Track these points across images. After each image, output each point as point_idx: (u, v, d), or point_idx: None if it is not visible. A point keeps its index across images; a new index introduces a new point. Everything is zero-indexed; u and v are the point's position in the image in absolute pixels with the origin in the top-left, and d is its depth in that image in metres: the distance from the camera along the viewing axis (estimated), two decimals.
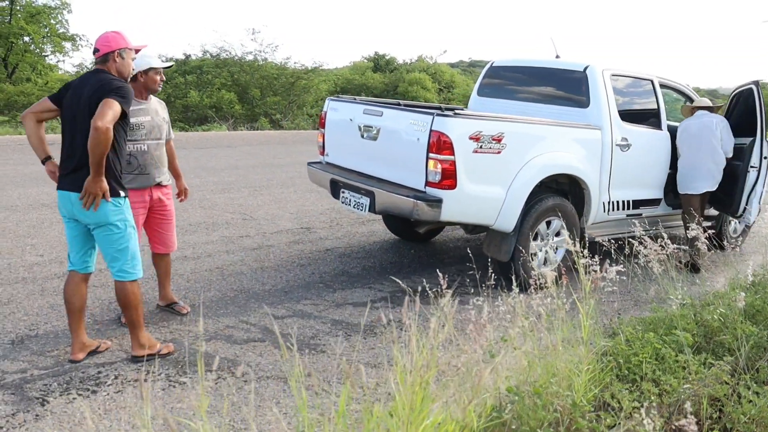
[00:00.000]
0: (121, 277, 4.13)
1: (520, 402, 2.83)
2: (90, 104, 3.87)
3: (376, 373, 4.11)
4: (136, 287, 4.19)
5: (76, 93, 3.99)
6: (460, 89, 32.77)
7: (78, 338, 4.20)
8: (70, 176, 3.98)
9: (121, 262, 4.10)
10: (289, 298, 5.46)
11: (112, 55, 4.05)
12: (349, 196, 5.92)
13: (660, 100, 6.88)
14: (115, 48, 4.05)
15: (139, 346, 4.24)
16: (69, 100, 4.01)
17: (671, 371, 3.53)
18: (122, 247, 4.07)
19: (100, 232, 4.04)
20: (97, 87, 3.90)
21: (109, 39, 4.07)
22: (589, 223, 6.26)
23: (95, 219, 3.98)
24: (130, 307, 4.18)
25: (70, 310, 4.18)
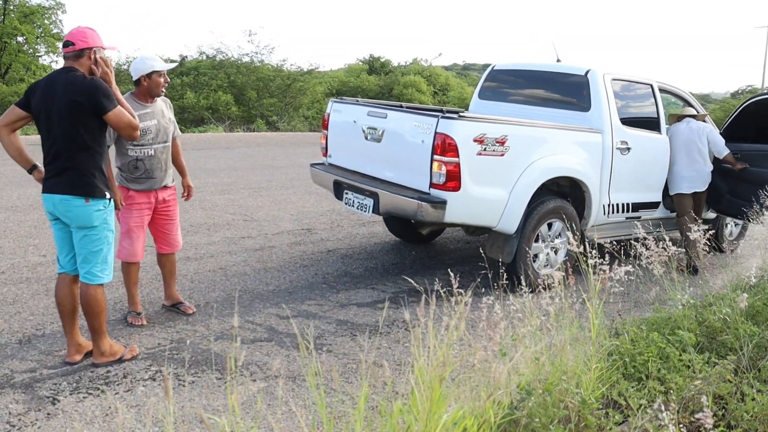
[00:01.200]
0: (88, 279, 4.04)
1: (531, 399, 2.88)
2: (66, 109, 3.80)
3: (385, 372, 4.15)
4: (101, 293, 4.09)
5: (48, 93, 3.87)
6: (455, 92, 32.88)
7: (73, 340, 4.15)
8: (53, 179, 3.92)
9: (92, 264, 4.02)
10: (294, 298, 5.51)
11: (88, 52, 3.91)
12: (352, 198, 5.97)
13: (659, 104, 6.96)
14: (92, 45, 3.92)
15: (100, 353, 4.15)
16: (40, 103, 3.89)
17: (676, 370, 3.60)
18: (96, 249, 4.01)
19: (80, 232, 3.98)
20: (73, 94, 3.80)
21: (86, 35, 3.91)
22: (589, 225, 6.33)
23: (79, 221, 3.93)
24: (92, 313, 4.06)
25: (62, 312, 4.14)
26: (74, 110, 3.81)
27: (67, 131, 3.84)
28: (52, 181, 3.92)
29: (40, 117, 3.92)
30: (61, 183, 3.88)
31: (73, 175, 3.88)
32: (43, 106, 3.88)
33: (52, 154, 3.92)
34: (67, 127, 3.84)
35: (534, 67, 7.22)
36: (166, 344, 4.49)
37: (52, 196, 3.92)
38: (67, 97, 3.80)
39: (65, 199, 3.88)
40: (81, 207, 3.89)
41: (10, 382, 3.86)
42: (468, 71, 61.04)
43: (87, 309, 4.06)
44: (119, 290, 5.44)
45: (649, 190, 6.92)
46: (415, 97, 28.49)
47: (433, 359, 2.39)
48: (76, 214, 3.90)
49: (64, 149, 3.86)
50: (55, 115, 3.84)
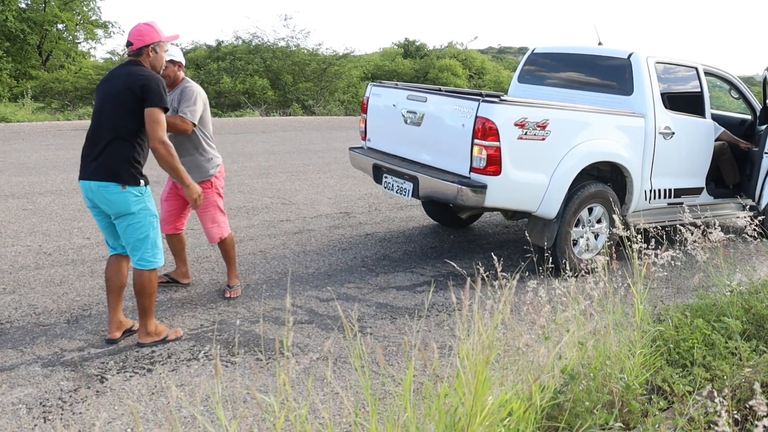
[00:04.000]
0: (141, 265, 4.13)
1: (575, 383, 2.87)
2: (119, 96, 3.93)
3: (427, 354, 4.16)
4: (155, 276, 4.19)
5: (109, 84, 4.05)
6: (491, 76, 32.64)
7: (116, 317, 4.26)
8: (91, 165, 3.99)
9: (142, 250, 4.11)
10: (333, 281, 5.54)
11: (146, 50, 4.08)
12: (391, 182, 5.97)
13: (704, 88, 6.81)
14: (149, 42, 4.07)
15: (145, 334, 4.24)
16: (101, 91, 4.07)
17: (722, 357, 3.55)
18: (143, 236, 4.09)
19: (121, 221, 4.06)
20: (129, 82, 3.93)
21: (143, 33, 4.06)
22: (630, 211, 6.25)
23: (116, 209, 4.01)
24: (145, 294, 4.16)
25: (109, 289, 4.25)
26: (125, 98, 3.91)
27: (114, 119, 3.94)
28: (90, 167, 4.01)
29: (97, 103, 4.08)
30: (99, 170, 3.97)
31: (111, 162, 3.95)
32: (103, 94, 4.03)
33: (93, 141, 4.01)
34: (114, 114, 3.94)
35: (575, 50, 7.12)
36: (209, 325, 4.56)
37: (89, 183, 4.00)
38: (123, 86, 3.92)
39: (102, 185, 3.96)
40: (118, 194, 3.96)
41: (60, 360, 3.97)
42: (503, 54, 60.43)
43: (140, 290, 4.16)
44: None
45: (692, 176, 6.80)
46: (451, 81, 28.34)
47: (478, 342, 2.40)
48: (114, 200, 3.97)
49: (107, 136, 3.94)
50: (108, 102, 3.96)
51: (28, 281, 5.23)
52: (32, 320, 4.53)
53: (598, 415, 2.83)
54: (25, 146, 12.07)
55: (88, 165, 4.02)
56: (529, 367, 2.73)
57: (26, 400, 3.51)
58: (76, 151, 11.71)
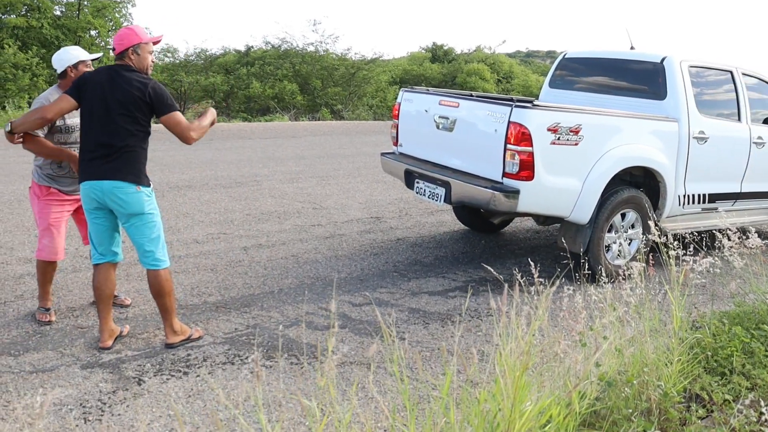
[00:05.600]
0: (155, 266, 4.21)
1: (613, 390, 2.86)
2: (129, 101, 4.00)
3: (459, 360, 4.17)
4: (169, 274, 4.28)
5: (96, 87, 4.06)
6: (519, 80, 32.50)
7: (107, 325, 4.28)
8: (103, 166, 4.02)
9: (155, 250, 4.21)
10: (365, 286, 5.57)
11: (127, 53, 4.13)
12: (423, 187, 5.98)
13: (740, 91, 6.73)
14: (128, 45, 4.12)
15: (173, 333, 4.31)
16: (89, 94, 4.07)
17: (762, 365, 3.51)
18: (155, 236, 4.20)
19: (133, 222, 4.13)
20: (135, 88, 4.01)
21: (123, 36, 4.13)
22: (664, 216, 6.19)
23: (130, 209, 4.08)
24: (164, 294, 4.24)
25: (100, 297, 4.27)
26: (135, 104, 4.01)
27: (127, 123, 4.03)
28: (102, 168, 4.03)
29: (85, 107, 4.09)
30: (114, 171, 4.02)
31: (126, 163, 4.04)
32: (92, 97, 4.05)
33: (100, 143, 4.03)
34: (127, 119, 4.03)
35: (607, 55, 7.07)
36: (242, 329, 4.61)
37: (101, 183, 4.02)
38: (129, 91, 4.01)
39: (117, 186, 4.02)
40: (132, 194, 4.05)
41: (98, 363, 4.04)
42: (531, 58, 60.18)
43: (159, 291, 4.23)
44: (195, 275, 5.61)
45: (727, 181, 6.72)
46: (479, 85, 28.28)
47: (516, 348, 2.40)
48: (128, 200, 4.05)
49: (120, 139, 4.02)
50: (115, 107, 4.00)
51: (66, 284, 5.33)
52: (71, 322, 4.62)
53: (636, 423, 2.81)
54: None
55: (97, 166, 4.03)
56: (566, 373, 2.73)
57: (67, 401, 3.58)
58: None
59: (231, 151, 13.07)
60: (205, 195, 8.78)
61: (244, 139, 15.06)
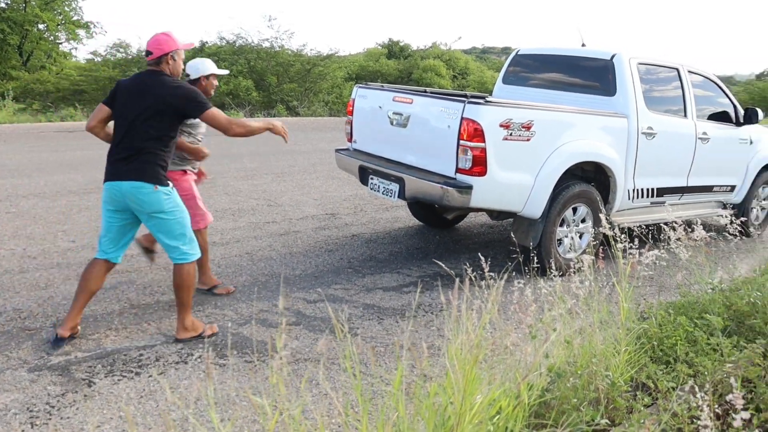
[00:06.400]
0: (182, 260, 4.30)
1: (562, 381, 2.92)
2: (155, 106, 4.10)
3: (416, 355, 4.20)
4: (193, 268, 4.36)
5: (130, 93, 4.19)
6: (475, 76, 32.76)
7: (74, 317, 4.30)
8: (124, 167, 4.12)
9: (180, 246, 4.29)
10: (320, 282, 5.56)
11: (165, 58, 4.25)
12: (378, 183, 6.00)
13: (686, 88, 6.91)
14: (168, 51, 4.24)
15: (183, 329, 4.37)
16: (121, 100, 4.20)
17: (704, 353, 3.61)
18: (177, 233, 4.26)
19: (155, 221, 4.21)
20: (165, 93, 4.12)
21: (161, 42, 4.24)
22: (614, 210, 6.32)
23: (149, 208, 4.15)
24: (184, 287, 4.32)
25: (82, 290, 4.30)
26: (162, 108, 4.11)
27: (149, 126, 4.11)
28: (122, 169, 4.14)
29: (117, 112, 4.21)
30: (132, 171, 4.11)
31: (144, 165, 4.12)
32: (124, 102, 4.17)
33: (124, 144, 4.15)
34: (150, 121, 4.11)
35: (559, 52, 7.18)
36: None
37: (120, 184, 4.12)
38: (159, 97, 4.10)
39: (135, 186, 4.10)
40: (150, 194, 4.12)
41: (47, 365, 3.95)
42: (487, 55, 60.72)
43: (179, 284, 4.32)
44: (149, 275, 5.54)
45: (674, 175, 6.89)
46: (435, 81, 28.42)
47: (467, 341, 2.43)
48: (147, 200, 4.13)
49: (140, 142, 4.12)
50: (143, 111, 4.10)
51: (12, 285, 5.21)
52: (18, 324, 4.51)
53: (584, 412, 2.87)
54: (6, 148, 11.98)
55: (119, 167, 4.15)
56: (516, 365, 2.77)
57: (12, 406, 3.49)
58: (59, 153, 11.66)
59: None
60: None
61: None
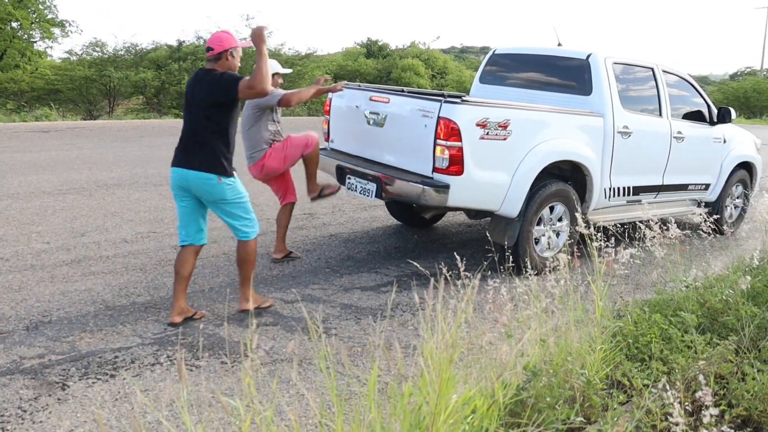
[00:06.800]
0: (245, 236, 4.71)
1: (537, 380, 2.93)
2: (208, 99, 4.43)
3: (391, 354, 4.19)
4: (255, 244, 4.77)
5: (188, 88, 4.63)
6: (453, 75, 32.87)
7: (178, 303, 4.66)
8: (190, 157, 4.50)
9: (242, 226, 4.69)
10: (297, 283, 5.54)
11: (225, 54, 4.57)
12: (355, 182, 5.99)
13: (661, 88, 6.97)
14: (228, 47, 4.57)
15: (245, 300, 4.75)
16: (192, 92, 4.58)
17: (678, 351, 3.65)
18: (241, 215, 4.67)
19: (218, 207, 4.62)
20: (214, 86, 4.44)
21: (222, 39, 4.59)
22: (590, 209, 6.36)
23: (213, 197, 4.56)
24: (248, 261, 4.73)
25: (178, 278, 4.66)
26: (215, 101, 4.44)
27: (210, 120, 4.48)
28: (189, 158, 4.51)
29: (187, 105, 4.63)
30: (199, 162, 4.47)
31: (209, 156, 4.47)
32: (192, 94, 4.56)
33: (191, 137, 4.55)
34: (210, 116, 4.47)
35: (535, 51, 7.22)
36: (171, 329, 4.52)
37: (187, 172, 4.49)
38: (210, 90, 4.44)
39: (201, 177, 4.47)
40: (215, 185, 4.48)
41: (19, 368, 3.90)
42: (465, 54, 60.92)
43: (243, 258, 4.74)
44: (124, 276, 5.48)
45: (650, 174, 6.95)
46: (414, 81, 28.46)
47: (441, 341, 2.43)
48: (211, 191, 4.51)
49: (204, 134, 4.49)
50: (199, 104, 4.48)
51: None
52: None
53: (560, 411, 2.89)
54: None
55: (187, 156, 4.52)
56: (492, 364, 2.78)
57: None
58: (33, 153, 11.51)
59: (162, 148, 12.81)
60: (135, 193, 8.58)
61: (175, 136, 14.60)
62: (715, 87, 46.98)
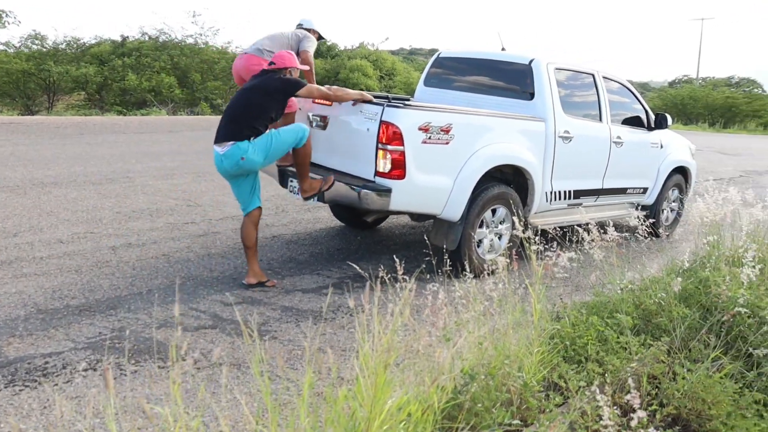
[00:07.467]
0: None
1: (474, 383, 2.94)
2: (270, 90, 5.25)
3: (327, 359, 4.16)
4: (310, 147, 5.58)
5: (249, 82, 5.46)
6: (401, 77, 32.96)
7: (252, 268, 5.40)
8: (228, 134, 5.21)
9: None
10: (238, 284, 5.46)
11: (284, 71, 5.39)
12: (297, 185, 5.93)
13: (601, 93, 7.11)
14: (288, 66, 5.39)
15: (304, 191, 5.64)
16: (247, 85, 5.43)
17: (614, 352, 3.72)
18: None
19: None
20: (265, 85, 5.26)
21: (285, 58, 5.40)
22: (532, 212, 6.44)
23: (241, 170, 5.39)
24: (303, 164, 5.53)
25: (246, 246, 5.40)
26: (272, 95, 5.24)
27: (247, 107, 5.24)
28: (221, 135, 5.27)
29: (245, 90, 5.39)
30: (227, 136, 5.23)
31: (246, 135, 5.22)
32: (245, 88, 5.41)
33: (227, 116, 5.32)
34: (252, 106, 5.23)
35: (479, 55, 7.28)
36: (107, 333, 4.40)
37: (218, 150, 5.30)
38: (270, 87, 5.27)
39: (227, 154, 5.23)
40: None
41: None
42: (414, 56, 61.20)
43: (302, 161, 5.53)
44: (58, 278, 5.32)
45: (590, 178, 7.08)
46: (362, 82, 28.45)
47: (377, 345, 2.42)
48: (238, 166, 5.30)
49: (238, 116, 5.24)
50: (258, 94, 5.28)
51: None
52: None
53: (496, 413, 2.90)
54: None
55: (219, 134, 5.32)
56: (431, 369, 2.77)
57: None
58: None
59: (103, 145, 12.50)
60: (72, 192, 8.34)
61: (117, 134, 14.44)
62: (655, 93, 48.33)
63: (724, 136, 33.16)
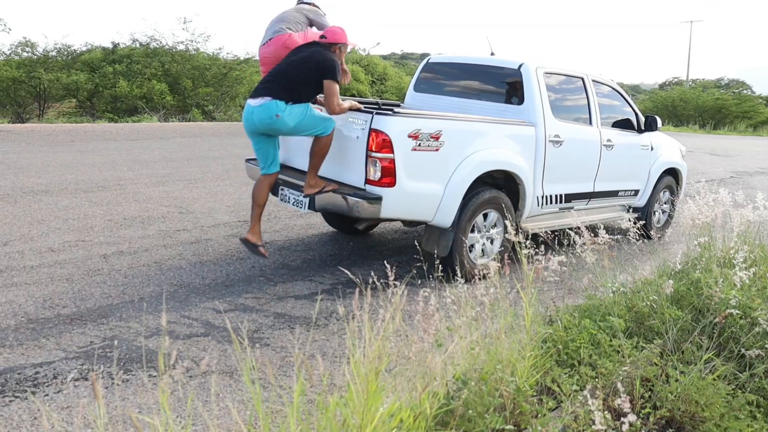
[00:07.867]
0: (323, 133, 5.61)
1: (467, 389, 2.93)
2: (303, 64, 5.44)
3: (323, 364, 4.15)
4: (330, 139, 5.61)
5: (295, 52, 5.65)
6: (393, 82, 32.95)
7: (254, 227, 5.71)
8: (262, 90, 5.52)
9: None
10: (230, 292, 5.45)
11: (335, 46, 5.43)
12: (288, 194, 5.92)
13: (591, 97, 7.13)
14: (339, 42, 5.43)
15: (309, 186, 5.60)
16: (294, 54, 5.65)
17: (606, 355, 3.72)
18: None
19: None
20: (315, 58, 5.40)
21: (337, 33, 5.45)
22: (524, 217, 6.45)
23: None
24: (320, 154, 5.58)
25: (255, 204, 5.69)
26: (313, 69, 5.37)
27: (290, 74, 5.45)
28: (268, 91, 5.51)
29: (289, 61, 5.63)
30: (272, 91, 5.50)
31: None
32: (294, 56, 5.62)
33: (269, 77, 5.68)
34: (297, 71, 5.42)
35: (468, 60, 7.29)
36: (98, 342, 4.38)
37: (251, 107, 5.59)
38: (314, 62, 5.39)
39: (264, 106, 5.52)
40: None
41: None
42: (406, 60, 61.25)
43: (320, 152, 5.57)
44: (49, 287, 5.30)
45: (581, 181, 7.09)
46: (353, 87, 28.43)
47: (369, 352, 2.41)
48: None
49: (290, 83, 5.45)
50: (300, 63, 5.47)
51: None
52: None
53: (489, 419, 2.90)
54: None
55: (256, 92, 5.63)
56: (421, 374, 2.77)
57: None
58: None
59: (94, 153, 12.45)
60: (63, 200, 8.30)
61: (109, 141, 14.38)
62: (646, 96, 48.51)
63: (714, 138, 33.30)
